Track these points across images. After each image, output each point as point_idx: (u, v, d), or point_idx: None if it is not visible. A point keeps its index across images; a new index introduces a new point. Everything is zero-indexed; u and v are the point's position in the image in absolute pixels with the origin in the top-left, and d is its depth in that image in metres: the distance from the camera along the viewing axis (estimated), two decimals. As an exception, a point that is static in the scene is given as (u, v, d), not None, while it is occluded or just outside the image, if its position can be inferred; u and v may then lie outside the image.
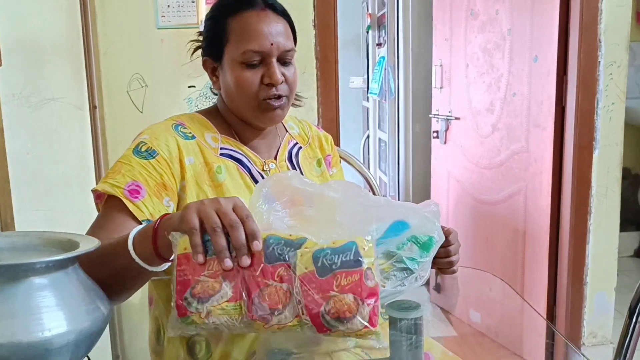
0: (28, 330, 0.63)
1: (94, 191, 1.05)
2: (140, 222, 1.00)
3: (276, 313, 0.70)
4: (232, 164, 1.14)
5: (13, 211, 1.50)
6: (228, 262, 0.72)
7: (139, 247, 0.81)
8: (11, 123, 1.75)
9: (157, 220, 0.82)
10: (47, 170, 2.00)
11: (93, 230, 0.98)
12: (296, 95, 1.21)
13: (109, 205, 1.01)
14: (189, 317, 0.70)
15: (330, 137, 1.37)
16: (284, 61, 1.10)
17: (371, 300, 0.72)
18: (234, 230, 0.73)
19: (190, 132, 1.12)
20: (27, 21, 1.91)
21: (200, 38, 1.19)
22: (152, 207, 1.02)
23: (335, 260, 0.72)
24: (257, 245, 0.73)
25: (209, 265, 0.71)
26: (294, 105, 1.22)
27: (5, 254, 0.74)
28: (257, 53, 1.07)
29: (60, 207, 2.00)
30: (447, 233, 1.08)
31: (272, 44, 1.07)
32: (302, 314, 0.71)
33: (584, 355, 1.06)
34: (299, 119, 1.36)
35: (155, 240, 0.79)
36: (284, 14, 1.12)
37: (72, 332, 0.66)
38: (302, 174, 1.24)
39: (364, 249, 0.74)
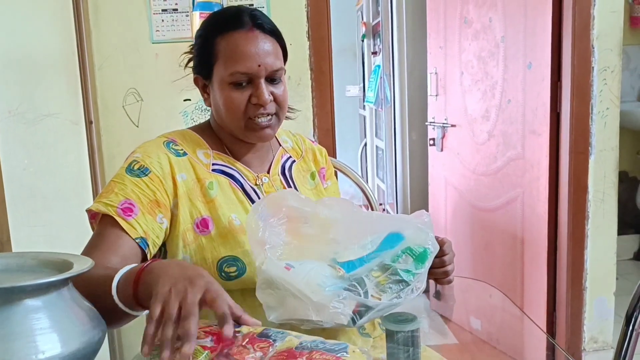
0: (22, 353, 0.63)
1: (88, 211, 1.05)
2: (134, 240, 1.00)
3: None
4: (224, 179, 1.14)
5: (9, 228, 1.50)
6: (166, 354, 0.69)
7: (123, 292, 0.81)
8: (7, 139, 1.75)
9: (139, 269, 0.80)
10: (44, 186, 2.00)
11: (88, 250, 0.98)
12: (288, 108, 1.22)
13: (103, 223, 1.02)
14: None
15: (324, 150, 1.37)
16: (272, 79, 1.11)
17: None
18: (182, 320, 0.70)
19: (182, 149, 1.13)
20: (22, 38, 1.91)
21: (191, 51, 1.20)
22: (145, 224, 1.02)
23: (319, 345, 0.70)
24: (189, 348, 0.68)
25: None
26: (286, 118, 1.23)
27: (0, 276, 0.74)
28: (244, 74, 1.07)
29: (57, 222, 2.00)
30: (441, 243, 1.08)
31: (259, 65, 1.07)
32: None
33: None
34: (293, 132, 1.36)
35: (136, 292, 0.79)
36: (272, 33, 1.12)
37: (66, 354, 0.66)
38: (295, 187, 1.24)
39: (353, 351, 0.71)
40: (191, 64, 1.21)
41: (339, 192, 1.39)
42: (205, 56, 1.12)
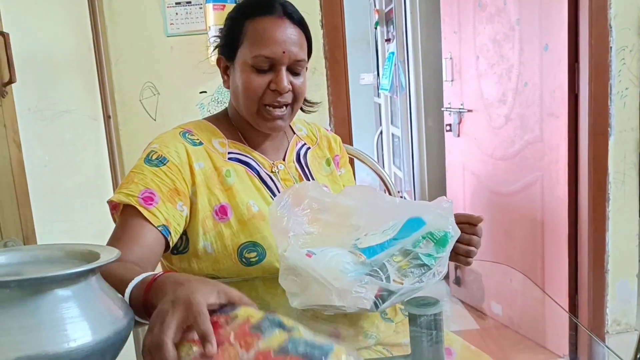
0: (54, 341, 0.64)
1: (109, 202, 1.07)
2: (156, 228, 1.02)
3: None
4: (240, 167, 1.15)
5: (34, 224, 1.52)
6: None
7: (135, 302, 0.79)
8: (27, 136, 1.77)
9: (151, 280, 0.79)
10: (65, 182, 2.02)
11: (111, 243, 0.99)
12: (308, 102, 1.22)
13: (125, 214, 1.03)
14: None
15: (338, 138, 1.37)
16: (294, 71, 1.11)
17: None
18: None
19: (198, 139, 1.14)
20: (38, 36, 1.93)
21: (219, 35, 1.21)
22: (166, 212, 1.04)
23: (299, 349, 0.66)
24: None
25: None
26: (306, 112, 1.23)
27: (29, 267, 0.75)
28: (268, 59, 1.08)
29: (78, 217, 2.02)
30: (477, 220, 1.11)
31: (284, 52, 1.08)
32: None
33: (607, 347, 1.05)
34: (308, 122, 1.37)
35: (147, 306, 0.78)
36: (300, 24, 1.13)
37: (96, 341, 0.67)
38: (310, 174, 1.25)
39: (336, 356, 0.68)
40: (212, 48, 1.23)
41: (353, 180, 1.40)
42: (231, 38, 1.13)
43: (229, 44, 1.14)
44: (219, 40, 1.21)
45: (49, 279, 0.66)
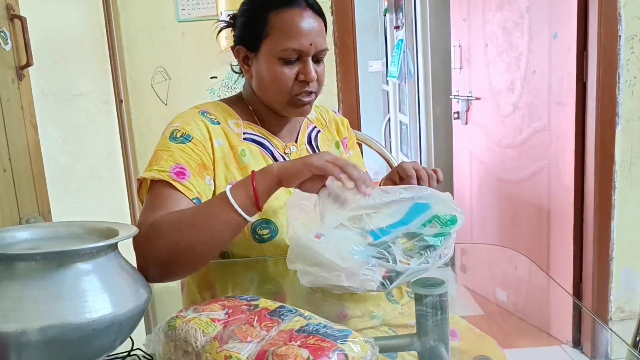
0: (76, 312, 0.67)
1: (140, 180, 1.09)
2: (191, 200, 1.04)
3: (236, 341, 0.69)
4: (255, 147, 1.18)
5: (50, 205, 1.56)
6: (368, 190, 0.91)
7: (238, 195, 0.92)
8: (42, 120, 1.80)
9: (249, 177, 0.94)
10: (77, 164, 2.05)
11: (150, 210, 1.00)
12: None
13: (156, 188, 1.05)
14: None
15: (346, 121, 1.40)
16: (317, 59, 1.14)
17: None
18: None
19: (216, 118, 1.17)
20: (53, 21, 1.95)
21: (231, 21, 1.22)
22: (198, 186, 1.06)
23: (320, 330, 0.70)
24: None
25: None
26: None
27: (51, 242, 0.78)
28: (296, 51, 1.10)
29: (90, 198, 2.06)
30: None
31: (311, 44, 1.10)
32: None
33: (610, 330, 1.08)
34: (317, 104, 1.39)
35: (256, 192, 0.92)
36: (320, 14, 1.15)
37: (116, 313, 0.70)
38: None
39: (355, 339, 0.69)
40: (223, 33, 1.24)
41: (361, 160, 1.42)
42: (254, 29, 1.14)
43: (252, 35, 1.14)
44: (228, 24, 1.23)
45: (72, 253, 0.69)
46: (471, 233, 3.21)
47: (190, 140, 1.10)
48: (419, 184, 1.12)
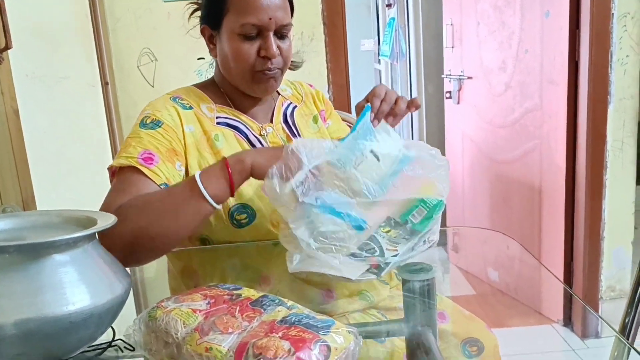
0: (53, 304, 0.66)
1: (109, 168, 1.08)
2: (159, 186, 1.03)
3: (217, 332, 0.67)
4: (228, 131, 1.16)
5: (33, 187, 1.53)
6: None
7: (209, 184, 0.91)
8: (26, 103, 1.77)
9: (219, 162, 0.93)
10: (64, 148, 2.02)
11: (115, 194, 0.99)
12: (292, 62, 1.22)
13: (125, 173, 1.03)
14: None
15: (321, 93, 1.38)
16: (280, 34, 1.11)
17: None
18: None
19: (188, 103, 1.15)
20: (36, 3, 1.91)
21: (199, 1, 1.20)
22: (166, 171, 1.05)
23: (303, 320, 0.69)
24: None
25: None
26: (290, 68, 1.23)
27: (27, 232, 0.77)
28: (255, 26, 1.08)
29: (79, 184, 2.03)
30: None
31: (270, 18, 1.07)
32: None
33: (600, 317, 1.08)
34: (291, 80, 1.37)
35: (231, 179, 0.91)
36: None
37: (95, 304, 0.69)
38: (298, 132, 1.25)
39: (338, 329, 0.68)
40: (196, 14, 1.22)
41: (341, 127, 1.40)
42: (215, 7, 1.12)
43: (213, 13, 1.13)
44: (195, 7, 1.21)
45: (47, 244, 0.68)
46: (463, 213, 3.21)
47: (160, 126, 1.08)
48: (381, 108, 1.05)
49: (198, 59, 2.15)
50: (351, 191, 0.96)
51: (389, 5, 4.38)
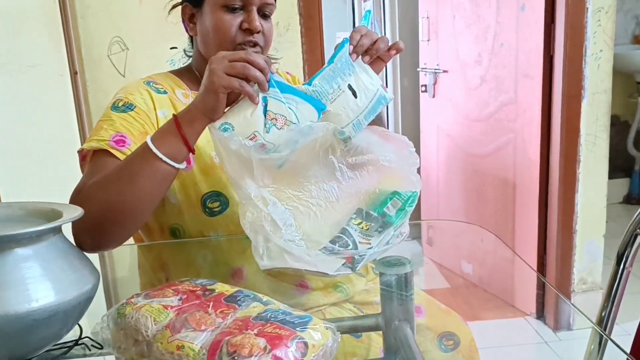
0: (15, 301, 0.63)
1: (79, 152, 1.05)
2: None
3: (189, 330, 0.65)
4: None
5: (-2, 183, 1.48)
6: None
7: (162, 144, 0.87)
8: (-10, 92, 1.72)
9: (171, 120, 0.89)
10: (31, 139, 1.97)
11: (87, 179, 0.96)
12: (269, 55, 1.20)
13: (97, 158, 1.01)
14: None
15: (297, 77, 1.37)
16: (263, 13, 1.10)
17: None
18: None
19: (162, 87, 1.13)
20: (-1, -13, 1.85)
21: None
22: None
23: (279, 317, 0.66)
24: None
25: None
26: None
27: (-12, 226, 0.73)
28: None
29: (46, 175, 1.98)
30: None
31: None
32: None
33: (573, 305, 1.09)
34: None
35: (181, 132, 0.87)
36: None
37: (60, 301, 0.66)
38: None
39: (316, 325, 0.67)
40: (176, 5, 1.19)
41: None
42: None
43: None
44: None
45: (9, 238, 0.65)
46: (437, 206, 3.22)
47: (132, 109, 1.06)
48: (361, 41, 0.97)
49: (171, 48, 2.10)
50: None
51: (364, -2, 4.36)
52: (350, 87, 0.94)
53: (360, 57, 0.97)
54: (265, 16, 1.10)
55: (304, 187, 0.94)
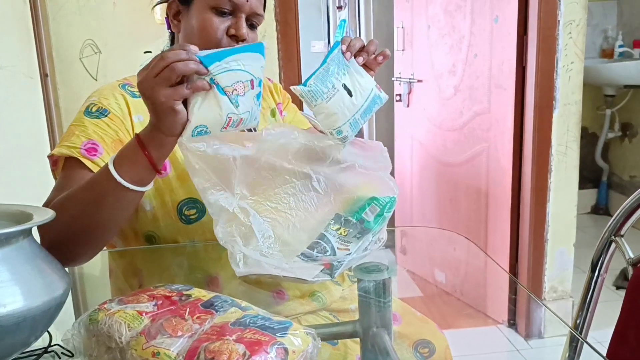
0: (-19, 307, 0.60)
1: (50, 157, 1.02)
2: None
3: (165, 336, 0.63)
4: None
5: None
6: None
7: (127, 171, 0.82)
8: (-44, 94, 1.67)
9: (131, 141, 0.83)
10: (0, 143, 1.92)
11: (54, 193, 0.94)
12: None
13: (68, 167, 0.98)
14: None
15: (279, 85, 1.35)
16: (250, 23, 1.08)
17: None
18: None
19: (138, 91, 1.10)
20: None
21: None
22: None
23: (258, 322, 0.65)
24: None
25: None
26: None
27: (-47, 228, 0.70)
28: (231, 2, 1.04)
29: (15, 180, 1.93)
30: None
31: (247, 0, 1.04)
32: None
33: (546, 307, 1.09)
34: None
35: (148, 153, 0.82)
36: None
37: (29, 307, 0.63)
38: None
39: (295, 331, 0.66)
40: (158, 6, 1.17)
41: (300, 117, 1.37)
42: None
43: None
44: None
45: (-25, 241, 0.62)
46: (411, 215, 3.23)
47: (106, 115, 1.03)
48: (352, 42, 0.96)
49: (145, 52, 2.07)
50: (324, 126, 0.93)
51: (339, 7, 4.39)
52: (345, 86, 0.93)
53: (353, 57, 0.96)
54: (252, 26, 1.09)
55: (282, 199, 0.94)
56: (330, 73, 0.92)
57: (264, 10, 1.14)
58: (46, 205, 0.89)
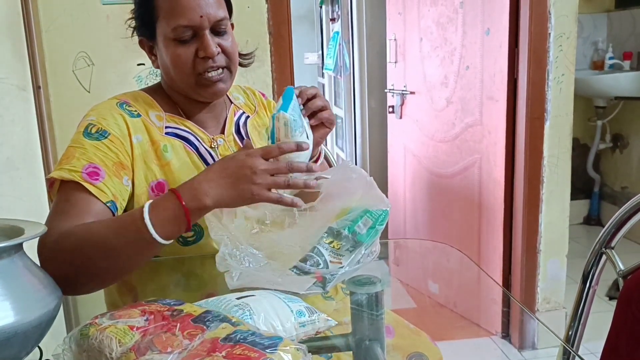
0: (-29, 322, 0.60)
1: (49, 179, 1.00)
2: (105, 204, 0.97)
3: (155, 352, 0.63)
4: (178, 142, 1.11)
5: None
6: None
7: (165, 230, 0.85)
8: (-52, 106, 1.66)
9: (172, 200, 0.86)
10: (-9, 155, 1.91)
11: (57, 217, 0.93)
12: (242, 55, 1.18)
13: (68, 189, 0.97)
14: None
15: (273, 103, 1.35)
16: (218, 31, 1.06)
17: None
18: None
19: (136, 110, 1.09)
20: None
21: (133, 15, 1.15)
22: (113, 187, 0.99)
23: (248, 338, 0.64)
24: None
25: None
26: (242, 65, 1.19)
27: (-56, 243, 0.69)
28: (187, 27, 1.03)
29: (6, 193, 1.92)
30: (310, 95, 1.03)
31: (201, 16, 1.03)
32: None
33: (538, 320, 1.10)
34: (243, 87, 1.33)
35: (189, 220, 0.85)
36: None
37: (20, 322, 0.63)
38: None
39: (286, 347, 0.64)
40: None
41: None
42: (145, 15, 1.07)
43: (145, 22, 1.08)
44: (134, 21, 1.15)
45: (-34, 256, 0.61)
46: (404, 226, 3.23)
47: (106, 137, 1.02)
48: (305, 89, 1.03)
49: (138, 64, 2.07)
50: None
51: (332, 20, 4.41)
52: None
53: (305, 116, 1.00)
54: (220, 33, 1.07)
55: (280, 235, 0.96)
56: (297, 112, 0.97)
57: (230, 8, 1.11)
58: (48, 233, 0.85)
